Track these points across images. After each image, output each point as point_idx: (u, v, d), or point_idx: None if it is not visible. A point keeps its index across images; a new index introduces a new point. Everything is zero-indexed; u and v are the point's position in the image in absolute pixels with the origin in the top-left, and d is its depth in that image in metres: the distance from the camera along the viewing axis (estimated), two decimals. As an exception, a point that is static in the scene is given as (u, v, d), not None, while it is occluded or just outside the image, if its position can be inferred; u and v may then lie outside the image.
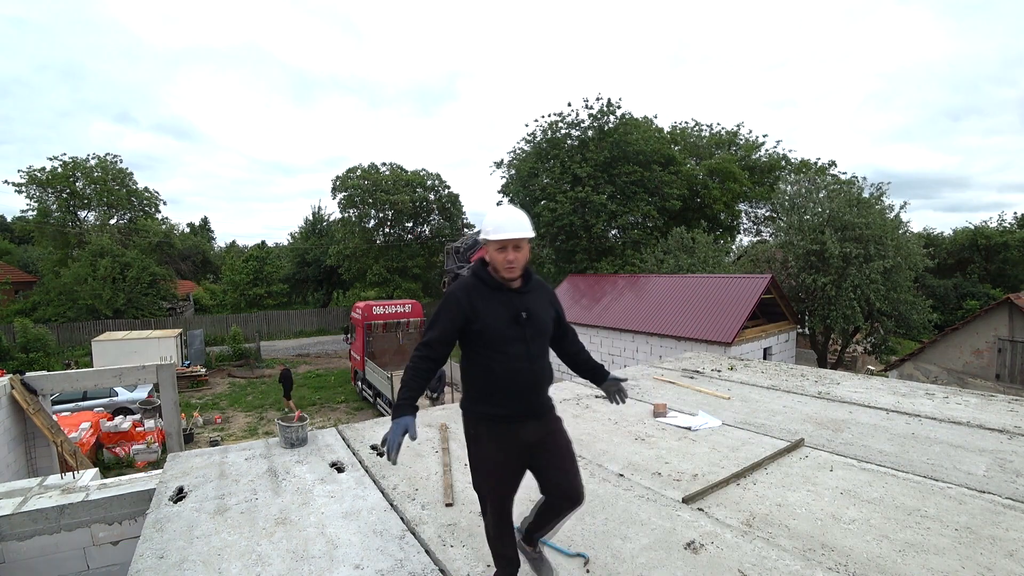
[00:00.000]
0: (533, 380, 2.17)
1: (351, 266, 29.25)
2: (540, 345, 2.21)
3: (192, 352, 20.13)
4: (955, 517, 2.77)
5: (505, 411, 2.14)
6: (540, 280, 2.35)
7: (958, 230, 31.98)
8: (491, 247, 2.17)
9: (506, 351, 2.13)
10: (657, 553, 2.47)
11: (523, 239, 2.15)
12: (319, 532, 2.65)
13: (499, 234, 2.12)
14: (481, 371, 2.17)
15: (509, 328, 2.12)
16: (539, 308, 2.22)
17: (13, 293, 30.49)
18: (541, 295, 2.29)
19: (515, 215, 2.17)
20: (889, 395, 5.34)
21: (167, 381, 8.14)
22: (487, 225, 2.18)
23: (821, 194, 17.87)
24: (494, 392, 2.15)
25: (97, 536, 3.13)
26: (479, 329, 2.12)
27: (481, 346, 2.15)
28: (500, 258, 2.13)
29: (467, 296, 2.15)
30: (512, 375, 2.13)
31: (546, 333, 2.25)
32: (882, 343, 18.85)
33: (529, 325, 2.15)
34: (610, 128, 24.64)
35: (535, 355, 2.17)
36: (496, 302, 2.14)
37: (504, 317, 2.13)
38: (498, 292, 2.16)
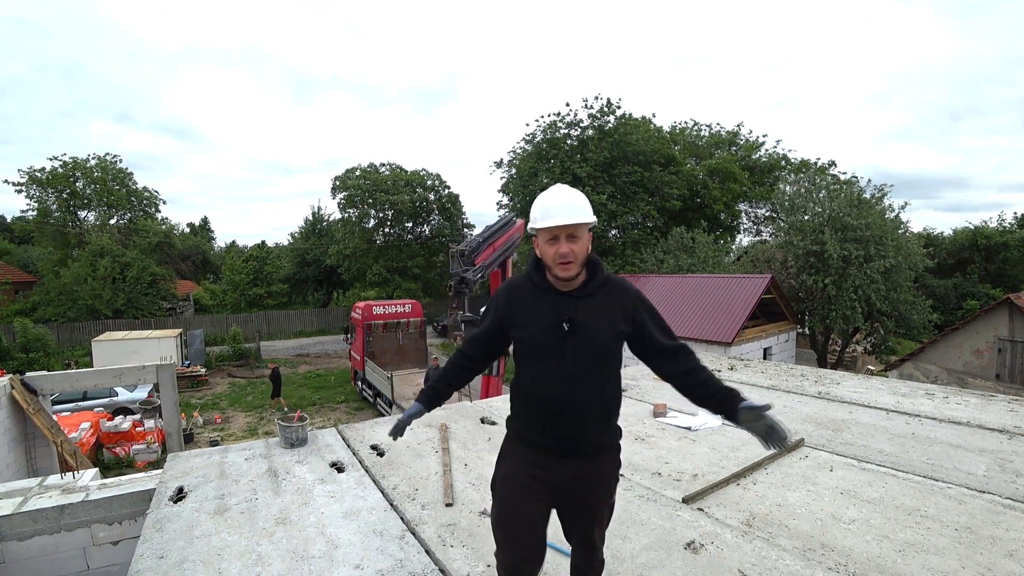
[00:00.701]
0: (570, 406, 1.74)
1: (351, 266, 29.26)
2: (587, 364, 1.75)
3: (192, 352, 20.13)
4: (955, 517, 2.77)
5: (535, 437, 1.82)
6: (617, 280, 1.87)
7: (958, 230, 32.02)
8: (540, 238, 1.77)
9: (539, 367, 1.78)
10: (657, 553, 2.47)
11: (580, 225, 1.72)
12: (319, 532, 2.65)
13: (548, 220, 1.71)
14: (517, 384, 1.88)
15: (547, 339, 1.75)
16: (595, 317, 1.76)
17: (13, 293, 30.49)
18: (607, 300, 1.80)
19: (567, 196, 1.76)
20: (889, 395, 5.34)
21: (167, 381, 8.14)
22: (534, 211, 1.80)
23: (821, 194, 17.88)
24: (521, 412, 1.87)
25: (97, 536, 3.13)
26: (517, 337, 1.83)
27: (519, 356, 1.86)
28: (551, 252, 1.73)
29: (507, 296, 1.87)
30: (541, 397, 1.78)
31: (598, 350, 1.76)
32: (882, 343, 18.86)
33: (573, 338, 1.73)
34: (610, 128, 24.65)
35: (577, 376, 1.74)
36: (540, 306, 1.79)
37: (544, 325, 1.76)
38: (546, 294, 1.79)
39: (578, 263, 1.74)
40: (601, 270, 1.83)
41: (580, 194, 1.79)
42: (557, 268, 1.74)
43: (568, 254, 1.71)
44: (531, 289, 1.84)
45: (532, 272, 1.86)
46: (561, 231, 1.71)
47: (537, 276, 1.83)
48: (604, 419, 1.83)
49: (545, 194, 1.80)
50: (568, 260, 1.72)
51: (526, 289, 1.85)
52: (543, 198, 1.79)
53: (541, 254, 1.80)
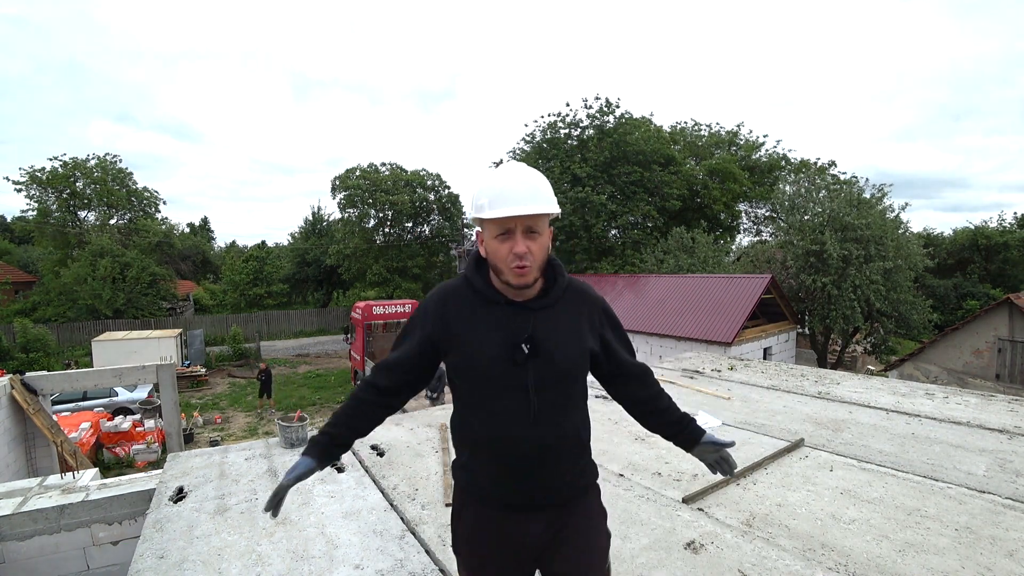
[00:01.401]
0: (538, 454, 1.38)
1: (351, 266, 29.26)
2: (555, 395, 1.39)
3: (192, 352, 20.13)
4: (955, 517, 2.77)
5: (496, 493, 1.43)
6: (579, 286, 1.51)
7: (958, 230, 32.05)
8: (487, 233, 1.35)
9: (491, 404, 1.38)
10: (657, 553, 2.47)
11: (541, 216, 1.32)
12: (319, 532, 2.65)
13: (499, 209, 1.28)
14: (461, 427, 1.47)
15: (500, 366, 1.35)
16: (560, 334, 1.40)
17: (13, 293, 30.50)
18: (571, 311, 1.44)
19: (526, 178, 1.33)
20: (889, 395, 5.34)
21: (167, 381, 8.14)
22: (479, 196, 1.35)
23: (821, 194, 17.88)
24: (471, 464, 1.45)
25: (97, 536, 3.13)
26: (457, 364, 1.41)
27: (461, 390, 1.45)
28: (502, 251, 1.31)
29: (440, 308, 1.43)
30: (498, 445, 1.38)
31: (566, 375, 1.40)
32: (882, 343, 18.87)
33: (535, 362, 1.35)
34: (609, 128, 24.65)
35: (544, 412, 1.37)
36: (488, 322, 1.37)
37: (495, 348, 1.35)
38: (494, 307, 1.39)
39: (536, 267, 1.34)
40: (562, 273, 1.47)
41: (540, 176, 1.37)
42: (511, 273, 1.32)
43: (526, 255, 1.30)
44: (473, 299, 1.41)
45: (473, 276, 1.42)
46: (517, 224, 1.29)
47: (480, 282, 1.41)
48: (580, 459, 1.49)
49: (495, 174, 1.35)
50: (525, 264, 1.30)
51: (466, 299, 1.42)
52: (493, 180, 1.34)
53: (488, 253, 1.36)
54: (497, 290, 1.41)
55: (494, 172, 1.37)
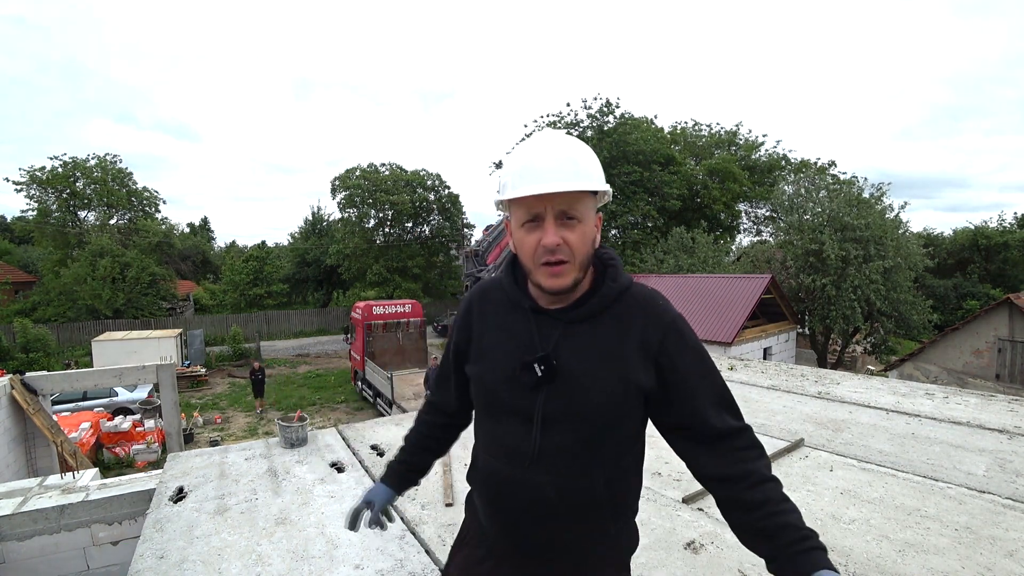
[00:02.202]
0: (531, 505, 1.10)
1: (351, 266, 29.28)
2: (571, 437, 1.07)
3: (192, 352, 20.13)
4: (955, 517, 2.77)
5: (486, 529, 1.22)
6: (641, 293, 1.12)
7: (958, 230, 32.08)
8: (514, 219, 1.06)
9: (493, 429, 1.16)
10: (657, 553, 2.47)
11: (580, 197, 1.00)
12: (319, 532, 2.65)
13: (523, 186, 0.99)
14: (472, 459, 1.29)
15: (507, 386, 1.09)
16: (593, 358, 1.06)
17: (13, 293, 30.49)
18: (620, 327, 1.07)
19: (557, 147, 1.02)
20: (889, 395, 5.34)
21: (167, 381, 8.13)
22: (504, 174, 1.06)
23: (821, 194, 17.90)
24: (474, 483, 1.28)
25: (97, 536, 3.13)
26: (470, 376, 1.21)
27: (476, 412, 1.26)
28: (529, 244, 1.02)
29: (468, 310, 1.23)
30: (489, 479, 1.17)
31: (593, 414, 1.06)
32: (882, 343, 18.88)
33: (551, 391, 1.05)
34: (609, 128, 24.67)
35: (548, 456, 1.07)
36: (506, 330, 1.14)
37: (504, 362, 1.10)
38: (519, 312, 1.13)
39: (577, 265, 1.02)
40: (616, 275, 1.10)
41: (582, 146, 1.05)
42: (540, 273, 1.02)
43: (559, 247, 0.99)
44: (501, 300, 1.17)
45: (505, 273, 1.19)
46: (547, 206, 0.99)
47: (508, 280, 1.16)
48: (593, 525, 1.13)
49: (524, 145, 1.06)
50: (559, 258, 0.99)
51: (497, 301, 1.18)
52: (520, 152, 1.04)
53: (515, 247, 1.08)
54: (526, 292, 1.13)
55: (524, 143, 1.08)
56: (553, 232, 0.99)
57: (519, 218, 1.03)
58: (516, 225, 1.05)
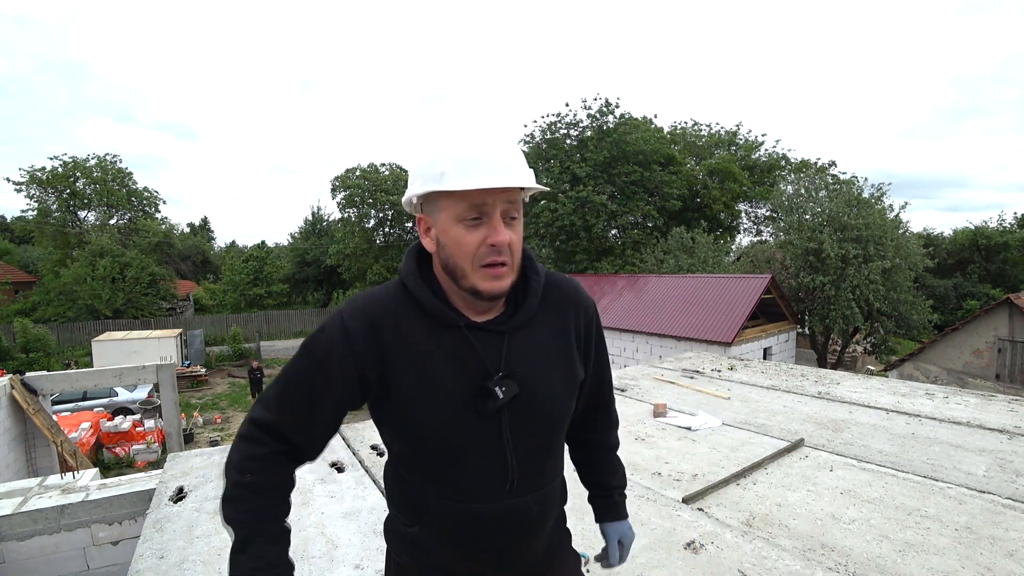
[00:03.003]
0: (519, 528, 1.04)
1: (351, 266, 29.28)
2: (539, 451, 1.05)
3: (192, 352, 20.14)
4: (955, 517, 2.77)
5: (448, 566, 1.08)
6: (559, 282, 1.09)
7: (958, 230, 32.04)
8: (444, 215, 0.94)
9: (451, 474, 1.00)
10: (657, 553, 2.47)
11: (519, 196, 0.96)
12: (319, 532, 2.65)
13: (471, 179, 0.88)
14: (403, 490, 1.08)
15: (462, 422, 0.97)
16: (543, 364, 1.02)
17: (13, 293, 30.50)
18: (553, 324, 1.05)
19: (500, 140, 0.95)
20: (889, 395, 5.34)
21: (167, 381, 8.14)
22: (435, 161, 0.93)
23: (821, 193, 17.90)
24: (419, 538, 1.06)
25: (97, 536, 3.13)
26: (392, 420, 1.01)
27: (405, 449, 1.03)
28: (470, 242, 0.91)
29: (370, 333, 0.96)
30: (465, 521, 1.01)
31: (556, 422, 1.06)
32: (882, 343, 18.88)
33: (513, 411, 0.98)
34: (609, 128, 24.66)
35: (524, 475, 1.02)
36: (441, 356, 0.97)
37: (455, 395, 0.96)
38: (448, 331, 0.98)
39: (514, 267, 0.96)
40: (535, 267, 1.05)
41: (513, 141, 0.99)
42: (481, 275, 0.93)
43: (507, 246, 0.92)
44: (417, 321, 0.98)
45: (417, 286, 0.99)
46: (495, 201, 0.91)
47: (426, 293, 0.98)
48: (560, 517, 1.19)
49: (457, 134, 0.95)
50: (503, 259, 0.93)
51: (407, 321, 0.98)
52: (456, 140, 0.93)
53: (445, 247, 0.95)
54: (452, 306, 0.99)
55: (452, 131, 0.96)
56: (504, 229, 0.92)
57: (456, 214, 0.91)
58: (451, 221, 0.92)
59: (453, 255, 0.94)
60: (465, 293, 0.96)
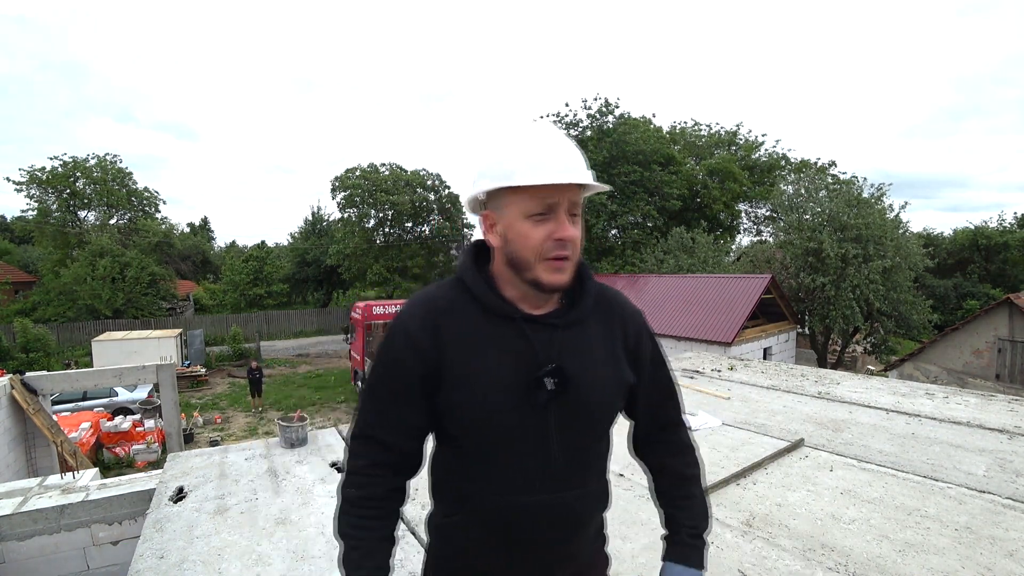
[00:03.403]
0: (561, 524, 1.05)
1: (351, 266, 29.27)
2: (585, 446, 1.06)
3: (192, 352, 20.12)
4: (955, 517, 2.77)
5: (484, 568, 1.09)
6: (609, 292, 1.14)
7: (958, 230, 32.06)
8: (512, 211, 0.98)
9: (497, 461, 1.02)
10: (657, 553, 2.46)
11: (580, 188, 0.98)
12: (319, 532, 2.65)
13: (544, 174, 0.93)
14: (448, 480, 1.10)
15: (512, 409, 0.99)
16: (593, 361, 1.05)
17: (13, 293, 30.50)
18: (604, 328, 1.09)
19: (566, 140, 1.00)
20: (889, 395, 5.34)
21: (167, 381, 8.13)
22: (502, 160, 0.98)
23: (821, 193, 17.91)
24: (459, 529, 1.08)
25: (97, 536, 3.13)
26: (456, 404, 1.01)
27: (454, 438, 1.06)
28: (536, 236, 0.95)
29: (428, 326, 1.02)
30: (503, 515, 1.03)
31: (602, 420, 1.08)
32: (882, 343, 18.88)
33: (561, 402, 1.00)
34: (609, 128, 24.66)
35: (569, 470, 1.04)
36: (495, 346, 1.01)
37: (506, 383, 0.99)
38: (503, 323, 1.01)
39: (575, 262, 1.01)
40: (590, 274, 1.10)
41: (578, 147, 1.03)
42: (545, 268, 0.97)
43: (571, 241, 0.96)
44: (473, 313, 1.02)
45: (475, 281, 1.04)
46: (563, 198, 0.95)
47: (483, 287, 1.03)
48: (601, 521, 1.19)
49: (525, 134, 0.99)
50: (567, 253, 0.97)
51: (463, 313, 1.03)
52: (524, 140, 0.98)
53: (511, 242, 0.98)
54: (508, 300, 1.03)
55: (520, 132, 1.00)
56: (569, 225, 0.96)
57: (524, 209, 0.96)
58: (519, 217, 0.97)
59: (519, 249, 0.98)
60: (526, 286, 1.01)
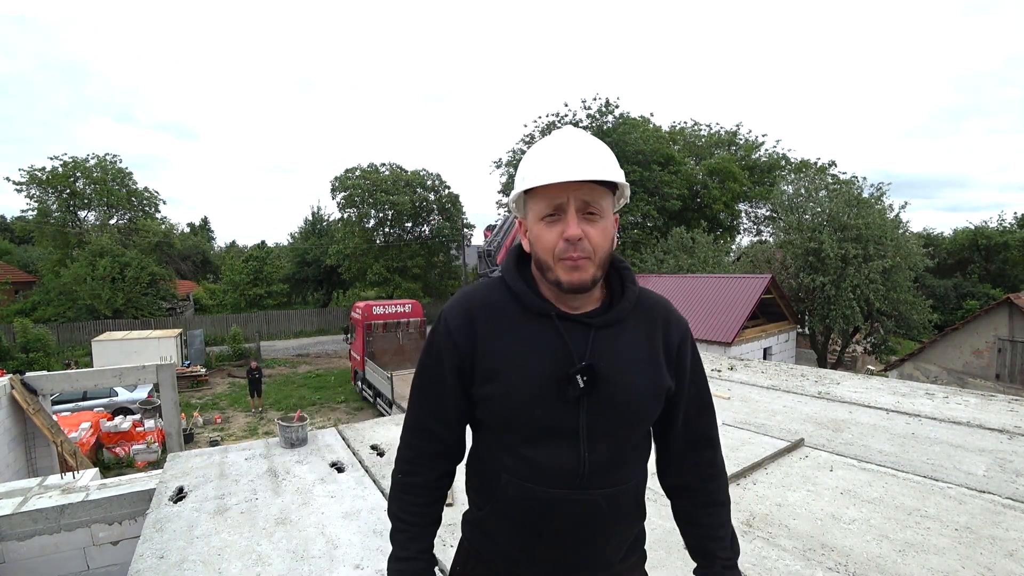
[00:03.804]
0: (587, 523, 1.05)
1: (351, 266, 29.27)
2: (616, 445, 1.06)
3: (192, 352, 20.12)
4: (955, 517, 2.77)
5: (522, 567, 1.11)
6: (653, 297, 1.15)
7: (958, 230, 32.08)
8: (531, 215, 1.03)
9: (527, 454, 1.04)
10: (657, 553, 2.47)
11: (600, 191, 0.99)
12: (319, 532, 2.65)
13: (546, 175, 0.97)
14: (483, 475, 1.13)
15: (544, 403, 1.01)
16: (628, 362, 1.05)
17: (13, 293, 30.49)
18: (643, 330, 1.09)
19: (581, 142, 1.01)
20: (889, 395, 5.34)
21: (167, 381, 8.13)
22: (523, 167, 1.04)
23: (821, 193, 17.91)
24: (489, 524, 1.12)
25: (97, 536, 3.13)
26: (489, 396, 1.05)
27: (488, 429, 1.11)
28: (549, 237, 0.99)
29: (466, 321, 1.06)
30: (536, 508, 1.04)
31: (634, 420, 1.07)
32: (882, 343, 18.88)
33: (592, 399, 1.01)
34: (608, 128, 24.67)
35: (600, 468, 1.04)
36: (530, 342, 1.03)
37: (539, 377, 1.01)
38: (539, 320, 1.04)
39: (597, 261, 0.99)
40: (632, 279, 1.11)
41: (602, 144, 1.03)
42: (560, 267, 0.98)
43: (581, 240, 0.96)
44: (512, 310, 1.06)
45: (514, 279, 1.08)
46: (569, 197, 0.96)
47: (522, 286, 1.06)
48: (636, 527, 1.16)
49: (545, 141, 1.04)
50: (580, 254, 0.96)
51: (501, 309, 1.06)
52: (541, 147, 1.03)
53: (532, 243, 1.03)
54: (545, 297, 1.06)
55: (546, 139, 1.05)
56: (576, 224, 0.97)
57: (538, 212, 1.00)
58: (535, 220, 1.02)
59: (539, 251, 1.02)
60: (551, 287, 1.04)
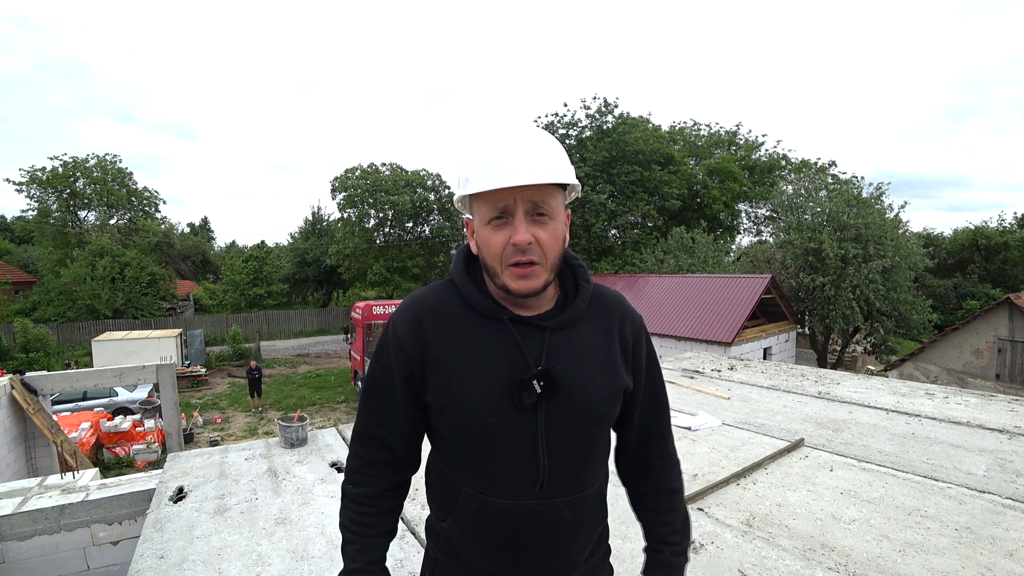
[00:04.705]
0: (550, 530, 1.02)
1: (351, 266, 29.27)
2: (576, 450, 1.03)
3: (192, 352, 20.12)
4: (955, 517, 2.77)
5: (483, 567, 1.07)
6: (609, 294, 1.11)
7: (958, 230, 32.07)
8: (478, 218, 0.98)
9: (484, 465, 1.01)
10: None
11: (550, 191, 0.94)
12: (319, 532, 2.65)
13: (490, 179, 0.91)
14: (439, 482, 1.11)
15: (499, 411, 0.97)
16: (585, 364, 1.02)
17: (13, 293, 30.49)
18: (599, 330, 1.06)
19: (526, 139, 0.95)
20: (889, 395, 5.34)
21: (167, 381, 8.13)
22: (465, 168, 0.99)
23: (821, 193, 17.92)
24: (452, 534, 1.08)
25: (97, 536, 3.13)
26: (442, 407, 1.01)
27: (445, 440, 1.05)
28: (496, 242, 0.94)
29: (415, 327, 1.02)
30: (497, 517, 1.01)
31: (593, 423, 1.04)
32: (882, 343, 18.88)
33: (550, 406, 0.98)
34: (608, 128, 24.66)
35: (559, 474, 1.01)
36: (482, 347, 0.99)
37: (492, 384, 0.97)
38: (491, 324, 1.00)
39: (548, 265, 0.96)
40: (586, 277, 1.07)
41: (551, 138, 0.99)
42: (509, 275, 0.95)
43: (531, 246, 0.92)
44: (461, 314, 1.02)
45: (463, 281, 1.04)
46: (516, 201, 0.91)
47: (472, 289, 1.02)
48: (598, 528, 1.13)
49: (488, 138, 0.98)
50: (529, 258, 0.93)
51: (450, 314, 1.02)
52: (485, 145, 0.97)
53: (480, 248, 0.99)
54: (496, 300, 1.01)
55: (486, 136, 0.98)
56: (524, 229, 0.92)
57: (484, 215, 0.95)
58: (481, 223, 0.97)
59: (485, 256, 0.98)
60: (500, 290, 1.00)
